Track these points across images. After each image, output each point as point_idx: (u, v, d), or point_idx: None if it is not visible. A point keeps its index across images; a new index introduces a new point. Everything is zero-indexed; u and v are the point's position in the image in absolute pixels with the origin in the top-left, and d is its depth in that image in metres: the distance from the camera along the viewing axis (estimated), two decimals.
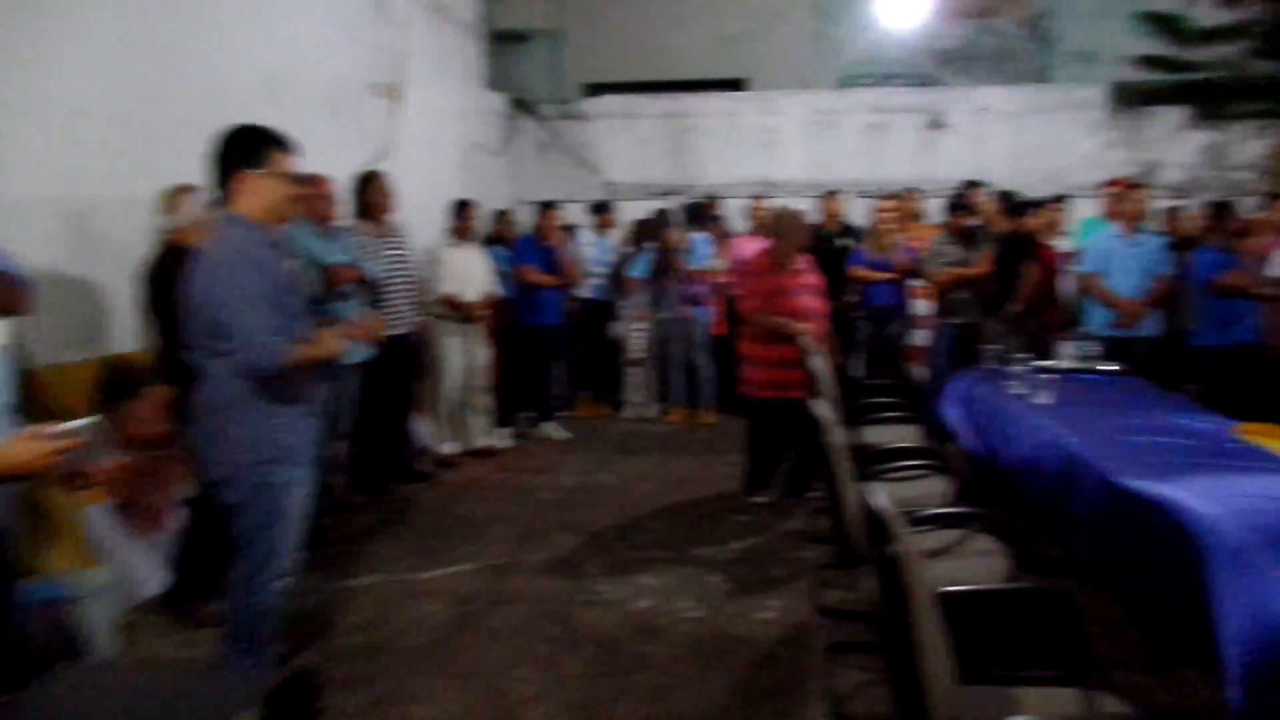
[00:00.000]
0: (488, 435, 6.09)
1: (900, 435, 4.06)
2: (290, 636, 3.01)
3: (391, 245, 4.98)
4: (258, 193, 2.56)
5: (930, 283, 5.85)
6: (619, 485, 5.34)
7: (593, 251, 7.08)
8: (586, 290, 7.09)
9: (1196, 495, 2.31)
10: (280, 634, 2.81)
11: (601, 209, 7.21)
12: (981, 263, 5.58)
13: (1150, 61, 9.32)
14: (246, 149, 2.57)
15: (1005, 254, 5.53)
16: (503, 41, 9.59)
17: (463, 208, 5.75)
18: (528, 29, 9.66)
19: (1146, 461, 2.63)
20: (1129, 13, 9.53)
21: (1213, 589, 2.07)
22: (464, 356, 5.75)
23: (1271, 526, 2.08)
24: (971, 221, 5.78)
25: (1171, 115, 8.27)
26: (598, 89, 9.33)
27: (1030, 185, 7.40)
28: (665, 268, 6.74)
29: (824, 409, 2.78)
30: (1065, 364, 4.42)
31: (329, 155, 4.81)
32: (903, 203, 6.88)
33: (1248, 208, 6.48)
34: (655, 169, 8.67)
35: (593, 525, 4.58)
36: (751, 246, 6.44)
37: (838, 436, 2.79)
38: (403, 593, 3.78)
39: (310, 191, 4.28)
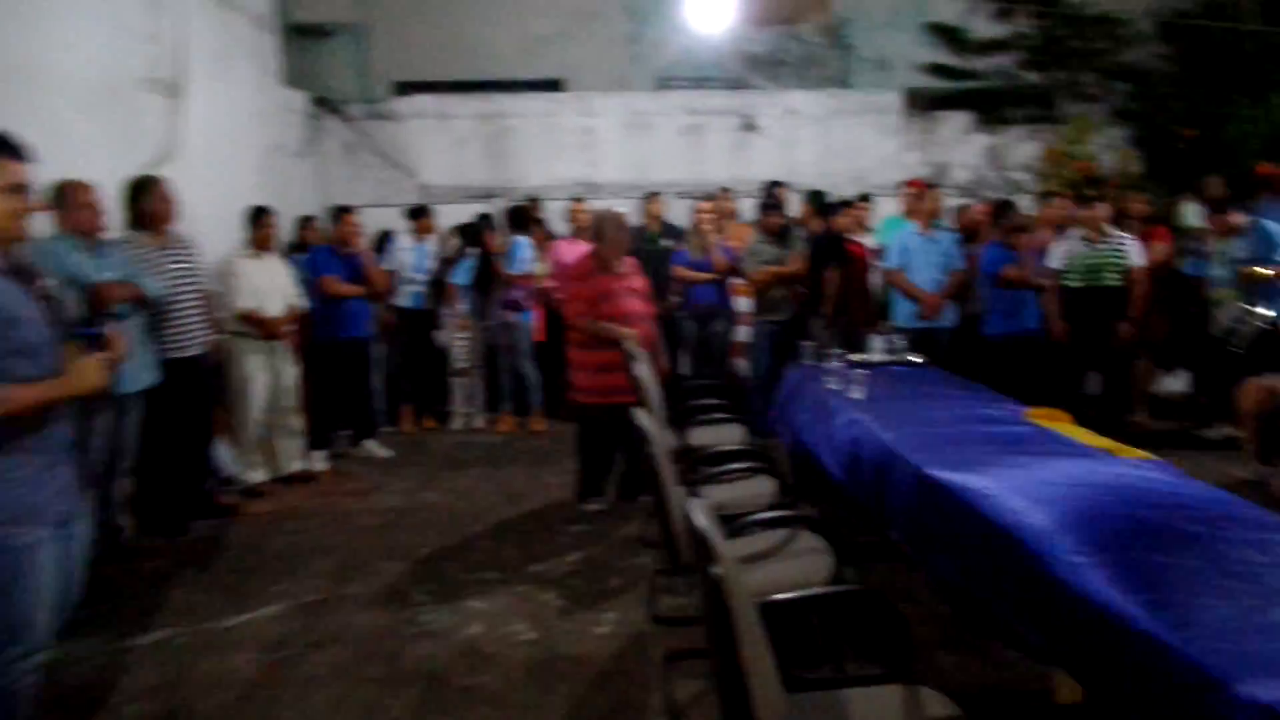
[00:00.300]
0: (301, 459, 5.66)
1: (726, 436, 4.09)
2: (57, 717, 2.61)
3: (176, 258, 4.49)
4: None
5: (748, 281, 5.99)
6: (447, 503, 5.10)
7: (411, 258, 6.74)
8: (406, 299, 6.75)
9: (999, 484, 2.42)
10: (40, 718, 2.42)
11: (418, 214, 6.88)
12: (794, 261, 5.77)
13: (937, 70, 10.07)
14: None
15: (816, 253, 5.75)
16: (303, 36, 9.00)
17: (259, 215, 5.29)
18: (329, 23, 9.11)
19: (954, 453, 2.75)
20: (918, 23, 10.27)
21: (1017, 573, 2.16)
22: (268, 376, 5.29)
23: (1067, 513, 2.19)
24: (782, 220, 5.97)
25: (958, 119, 8.91)
26: (408, 88, 8.94)
27: (837, 185, 7.79)
28: (487, 273, 6.53)
29: (645, 418, 2.71)
30: (876, 357, 4.64)
31: (94, 158, 4.29)
32: (719, 203, 7.03)
33: (1025, 205, 7.10)
34: (473, 171, 8.41)
35: (419, 549, 4.33)
36: (573, 250, 6.37)
37: (662, 444, 2.73)
38: (202, 646, 3.39)
39: (71, 201, 3.78)
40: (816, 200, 5.98)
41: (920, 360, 4.64)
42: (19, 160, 2.23)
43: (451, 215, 7.37)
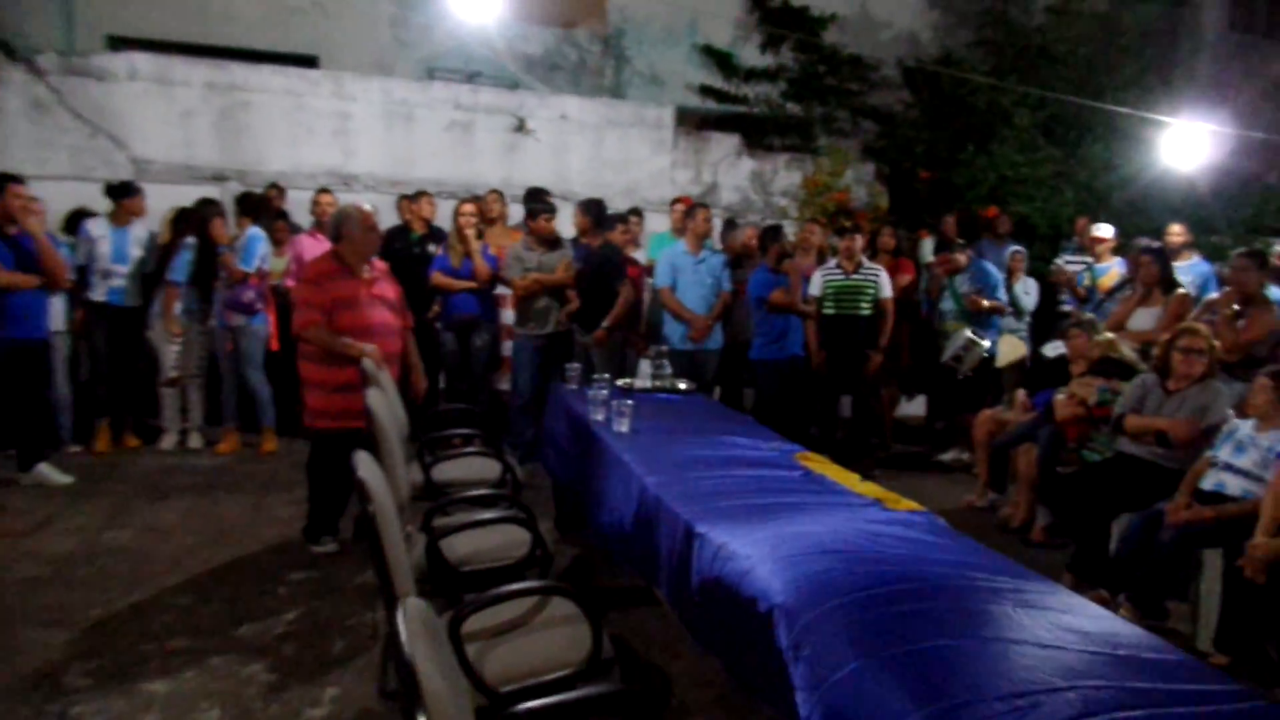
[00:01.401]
0: None
1: (479, 471, 3.63)
2: None
3: None
4: None
5: (510, 289, 5.58)
6: (139, 545, 4.21)
7: (109, 246, 5.64)
8: (103, 293, 5.64)
9: (762, 547, 2.19)
10: None
11: (122, 193, 5.75)
12: (562, 270, 5.43)
13: (707, 91, 10.25)
14: None
15: (597, 267, 5.45)
16: None
17: None
18: None
19: (721, 505, 2.50)
20: (690, 43, 10.40)
21: (776, 647, 1.93)
22: None
23: (831, 584, 1.99)
24: (552, 227, 5.62)
25: (727, 142, 9.04)
26: (122, 43, 7.63)
27: (609, 197, 7.56)
28: (208, 268, 5.61)
29: (366, 464, 2.21)
30: (644, 383, 4.39)
31: None
32: (484, 205, 6.56)
33: (789, 232, 7.26)
34: (201, 149, 7.30)
35: (88, 610, 3.48)
36: (317, 247, 5.62)
37: (386, 498, 2.24)
38: None
39: None
40: (595, 210, 5.66)
41: (688, 387, 4.45)
42: None
43: (171, 198, 6.32)
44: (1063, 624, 1.84)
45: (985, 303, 6.08)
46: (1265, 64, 11.62)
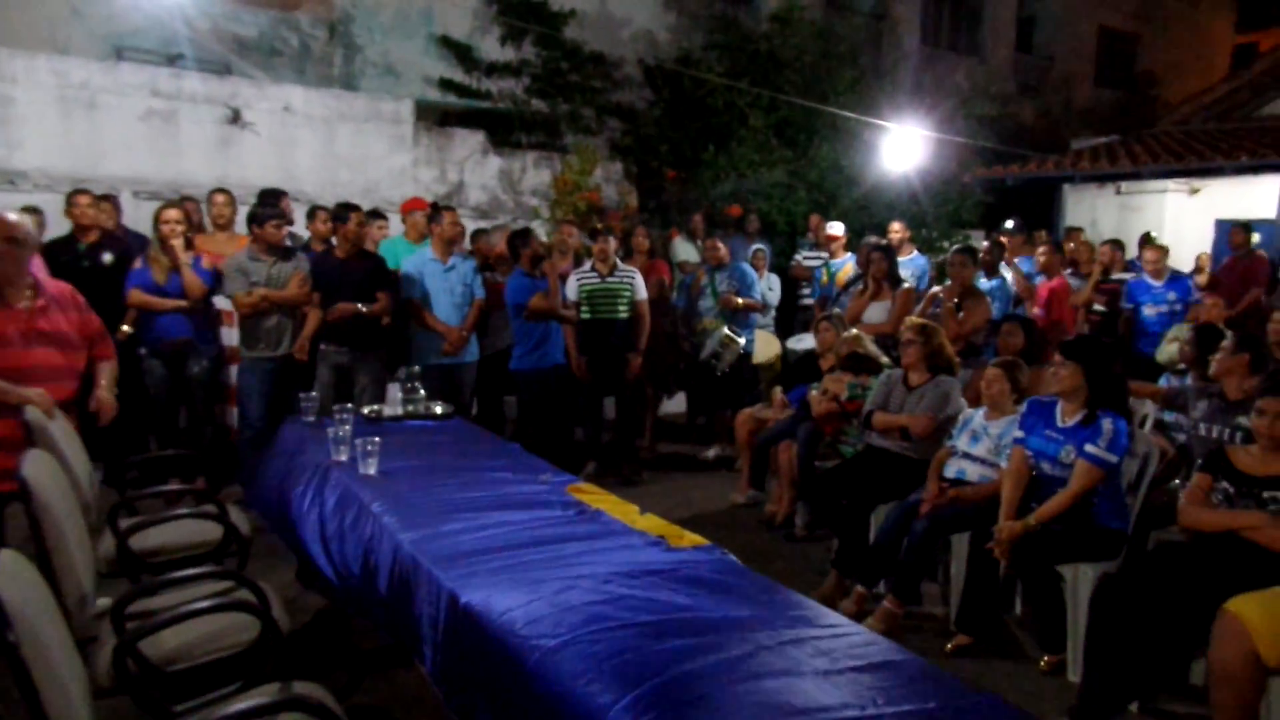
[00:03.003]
0: None
1: (196, 533, 3.04)
2: None
3: None
4: None
5: (233, 306, 4.86)
6: None
7: None
8: None
9: (535, 606, 1.94)
10: None
11: None
12: (297, 283, 4.80)
13: (448, 85, 9.76)
14: None
15: (357, 279, 4.86)
16: None
17: None
18: None
19: (488, 564, 2.19)
20: (426, 33, 9.84)
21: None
22: None
23: (608, 649, 1.78)
24: (284, 234, 4.97)
25: (472, 139, 8.64)
26: None
27: (346, 198, 6.90)
28: None
29: (9, 568, 1.67)
30: (394, 410, 3.96)
31: None
32: (198, 209, 5.73)
33: (541, 233, 7.04)
34: None
35: None
36: None
37: (70, 575, 1.72)
38: None
39: None
40: (345, 215, 5.00)
41: (444, 411, 4.07)
42: None
43: None
44: (828, 659, 1.79)
45: (740, 300, 6.22)
46: (952, 73, 13.11)
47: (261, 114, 7.50)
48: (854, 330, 4.86)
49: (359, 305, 4.79)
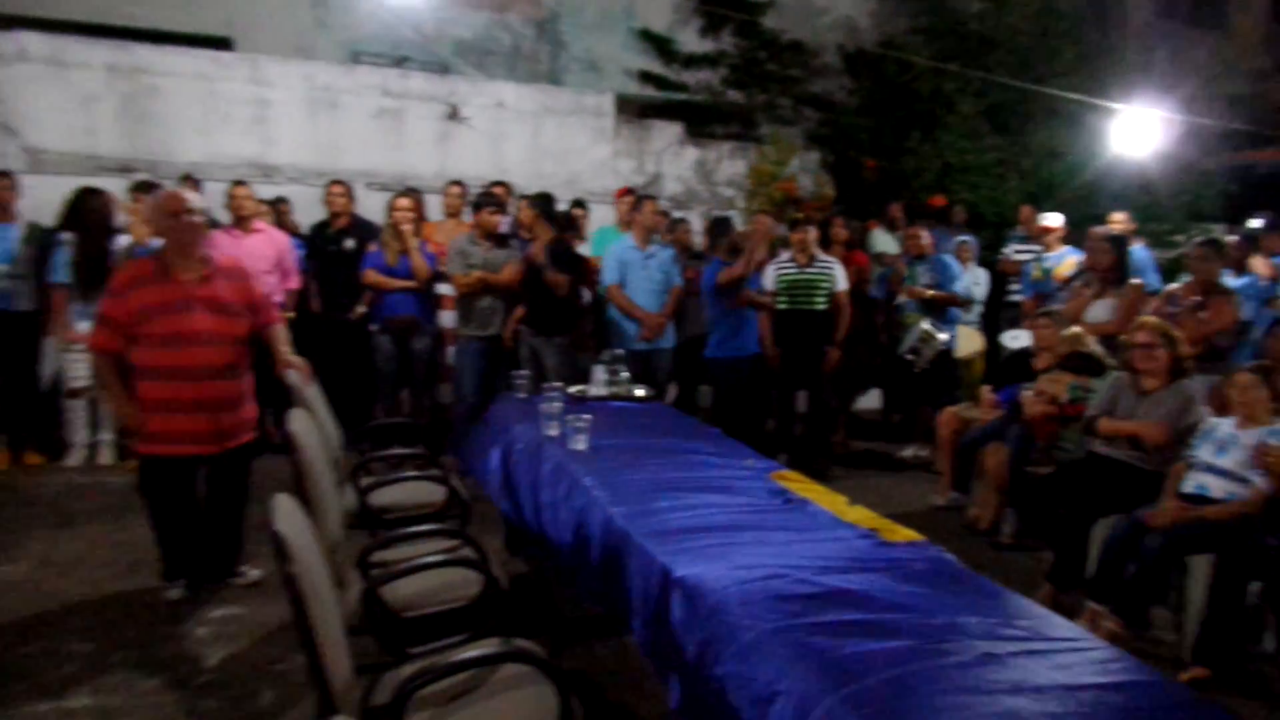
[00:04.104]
0: None
1: (423, 494, 3.29)
2: None
3: None
4: None
5: (452, 286, 5.21)
6: (30, 582, 3.76)
7: None
8: None
9: (751, 598, 1.94)
10: None
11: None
12: (509, 270, 5.08)
13: (647, 77, 9.96)
14: None
15: (555, 264, 5.11)
16: None
17: None
18: None
19: (699, 545, 2.23)
20: (628, 28, 10.08)
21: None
22: None
23: (838, 661, 1.75)
24: (500, 222, 5.27)
25: (670, 130, 8.77)
26: (10, 22, 6.96)
27: (549, 188, 7.22)
28: (97, 266, 5.06)
29: (286, 515, 1.87)
30: (599, 390, 4.10)
31: None
32: (429, 199, 6.18)
33: (737, 222, 7.04)
34: (105, 138, 6.72)
35: None
36: (233, 244, 5.17)
37: (305, 549, 1.91)
38: None
39: None
40: (544, 204, 5.28)
41: (645, 394, 4.17)
42: None
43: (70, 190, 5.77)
44: (1067, 674, 1.66)
45: (929, 292, 5.95)
46: (1190, 50, 11.83)
47: (476, 109, 7.97)
48: (1076, 328, 4.52)
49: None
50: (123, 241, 5.12)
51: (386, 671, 2.14)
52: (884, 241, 7.32)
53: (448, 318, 5.56)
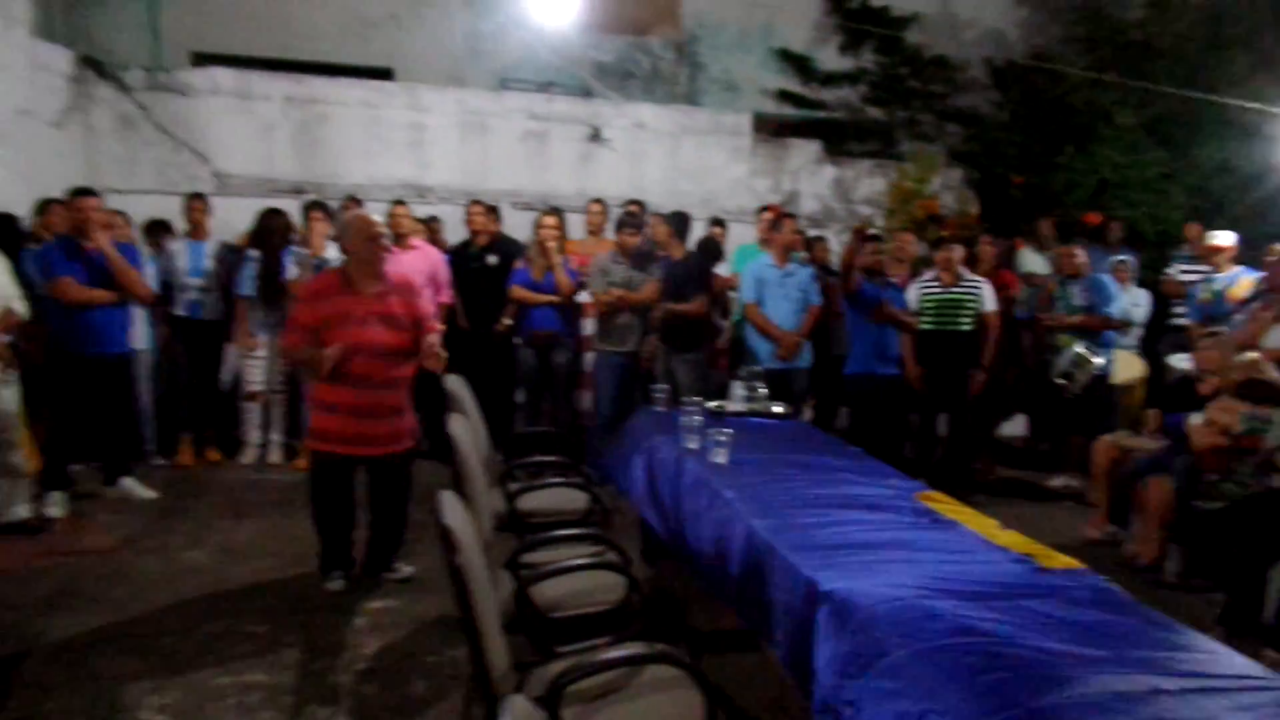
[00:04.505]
0: (26, 504, 4.50)
1: (566, 500, 3.42)
2: None
3: None
4: None
5: (593, 302, 5.37)
6: (213, 567, 4.12)
7: (185, 260, 5.64)
8: (181, 307, 5.65)
9: (899, 617, 1.92)
10: None
11: (193, 208, 5.76)
12: (649, 288, 5.20)
13: (785, 96, 9.94)
14: None
15: (679, 281, 5.21)
16: None
17: None
18: None
19: (845, 560, 2.22)
20: (766, 48, 10.11)
21: None
22: None
23: (975, 663, 1.71)
24: (641, 240, 5.40)
25: (807, 148, 8.73)
26: (206, 59, 7.71)
27: (686, 207, 7.33)
28: (274, 281, 5.50)
29: (453, 510, 2.00)
30: (736, 406, 4.13)
31: None
32: (591, 217, 6.38)
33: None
34: (281, 162, 7.32)
35: (160, 640, 3.37)
36: (394, 261, 5.51)
37: (471, 546, 2.03)
38: None
39: None
40: (678, 222, 5.40)
41: (783, 411, 4.17)
42: None
43: (251, 210, 6.29)
44: (1251, 715, 1.55)
45: (1071, 319, 5.66)
46: None
47: (617, 131, 8.20)
48: (1252, 354, 4.20)
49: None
50: (294, 256, 5.56)
51: (537, 667, 2.25)
52: (1033, 260, 7.02)
53: (588, 325, 5.73)
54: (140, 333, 5.35)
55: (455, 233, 6.65)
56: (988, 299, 5.37)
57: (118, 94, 6.91)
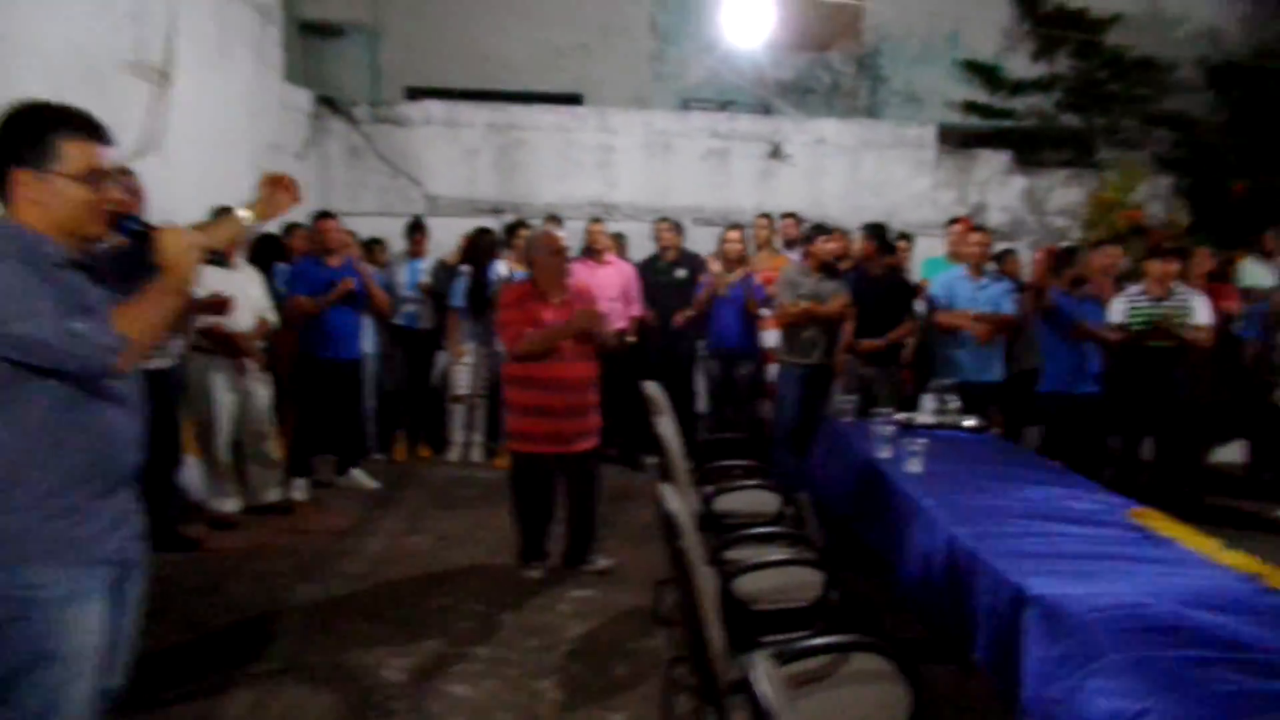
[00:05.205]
0: (277, 488, 5.14)
1: (757, 503, 3.56)
2: None
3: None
4: (40, 200, 1.76)
5: (779, 314, 5.47)
6: (432, 551, 4.57)
7: (404, 275, 6.26)
8: (400, 318, 6.26)
9: (1112, 620, 1.92)
10: None
11: (415, 231, 6.40)
12: (837, 301, 5.25)
13: (971, 107, 9.65)
14: (21, 138, 1.76)
15: (882, 295, 5.24)
16: (311, 33, 8.57)
17: (224, 215, 4.76)
18: (341, 21, 8.68)
19: (1055, 568, 2.23)
20: (951, 59, 9.86)
21: None
22: (236, 396, 4.78)
23: (1196, 675, 1.69)
24: (832, 253, 5.45)
25: (994, 159, 8.46)
26: (419, 93, 8.48)
27: (866, 220, 7.30)
28: (482, 294, 5.97)
29: (675, 498, 2.19)
30: (926, 418, 4.13)
31: None
32: (758, 231, 6.53)
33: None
34: (482, 184, 7.94)
35: (394, 610, 3.79)
36: (590, 273, 5.88)
37: (693, 535, 2.21)
38: None
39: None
40: (879, 234, 5.42)
41: (977, 424, 4.12)
42: (99, 142, 1.80)
43: (457, 229, 6.89)
44: None
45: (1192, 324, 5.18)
46: None
47: (797, 147, 8.29)
48: None
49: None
50: (501, 270, 6.03)
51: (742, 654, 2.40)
52: (1256, 273, 6.48)
53: (770, 338, 5.85)
54: (366, 340, 5.99)
55: (639, 249, 6.97)
56: (1202, 312, 5.03)
57: (347, 127, 7.75)
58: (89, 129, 1.81)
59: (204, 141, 5.30)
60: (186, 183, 4.75)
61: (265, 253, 5.37)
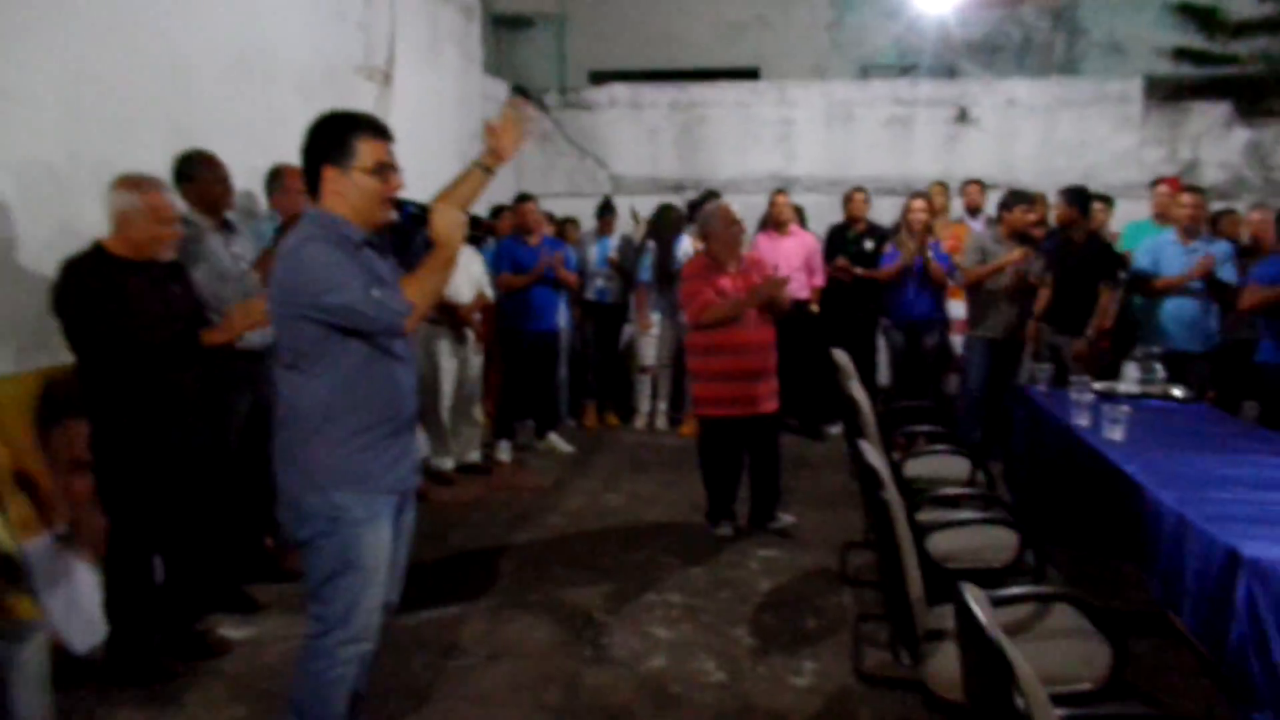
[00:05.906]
0: (479, 449, 5.66)
1: (948, 469, 3.60)
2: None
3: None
4: (343, 192, 2.16)
5: (963, 278, 5.36)
6: (627, 508, 4.90)
7: (594, 253, 6.63)
8: (591, 293, 6.65)
9: None
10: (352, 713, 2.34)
11: (604, 211, 6.76)
12: (1018, 251, 5.08)
13: (1184, 54, 8.87)
14: (328, 140, 2.16)
15: (1085, 262, 5.06)
16: (504, 25, 9.12)
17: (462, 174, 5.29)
18: (530, 12, 9.18)
19: (1268, 532, 2.18)
20: (1161, 3, 9.09)
21: None
22: (456, 364, 5.30)
23: None
24: (1030, 224, 5.27)
25: (1211, 111, 7.78)
26: (602, 77, 8.84)
27: (1060, 184, 6.95)
28: (667, 270, 6.23)
29: (873, 454, 2.32)
30: (1129, 387, 3.99)
31: None
32: (934, 199, 6.42)
33: None
34: (664, 162, 8.20)
35: (598, 560, 4.14)
36: (773, 246, 6.01)
37: (894, 490, 2.34)
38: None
39: (283, 184, 3.86)
40: (1080, 199, 5.19)
41: (1184, 395, 3.94)
42: (382, 139, 2.18)
43: (641, 207, 7.19)
44: None
45: None
46: None
47: (985, 109, 7.97)
48: None
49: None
50: (685, 246, 6.27)
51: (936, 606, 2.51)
52: None
53: (956, 308, 5.76)
54: (561, 314, 6.41)
55: (818, 221, 6.98)
56: None
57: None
58: (376, 130, 2.18)
59: (420, 134, 5.84)
60: (407, 172, 5.27)
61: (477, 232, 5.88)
